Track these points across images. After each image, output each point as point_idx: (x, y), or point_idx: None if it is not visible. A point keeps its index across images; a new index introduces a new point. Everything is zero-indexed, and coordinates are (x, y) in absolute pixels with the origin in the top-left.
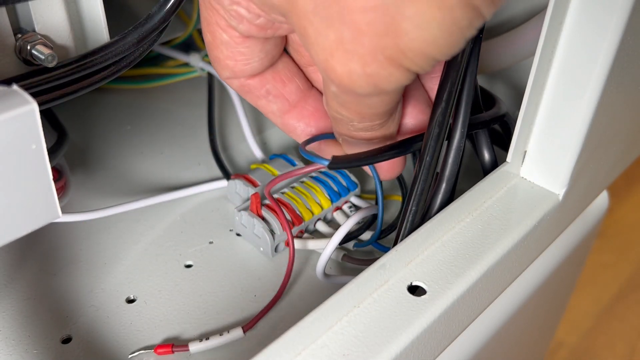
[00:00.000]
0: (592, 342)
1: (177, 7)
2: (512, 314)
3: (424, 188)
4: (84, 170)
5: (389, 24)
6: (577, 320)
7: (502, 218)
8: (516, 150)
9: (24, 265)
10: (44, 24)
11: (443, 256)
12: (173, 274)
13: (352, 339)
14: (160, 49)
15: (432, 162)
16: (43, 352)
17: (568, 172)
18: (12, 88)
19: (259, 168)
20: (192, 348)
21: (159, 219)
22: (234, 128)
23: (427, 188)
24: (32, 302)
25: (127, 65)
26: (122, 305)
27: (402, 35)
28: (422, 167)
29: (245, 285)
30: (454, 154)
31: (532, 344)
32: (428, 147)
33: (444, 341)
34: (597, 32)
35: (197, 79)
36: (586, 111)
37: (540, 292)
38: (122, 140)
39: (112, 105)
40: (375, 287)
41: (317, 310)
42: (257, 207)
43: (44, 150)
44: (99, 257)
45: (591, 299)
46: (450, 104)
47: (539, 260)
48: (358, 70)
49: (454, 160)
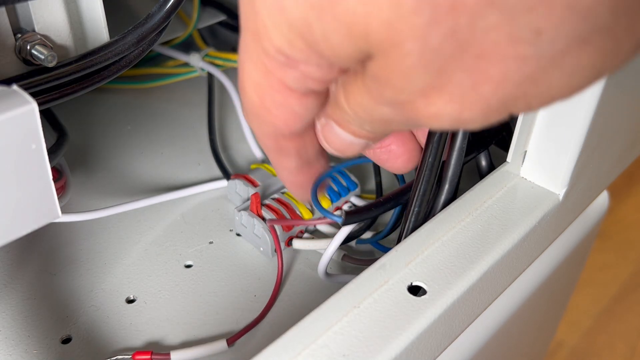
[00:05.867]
0: (592, 342)
1: (177, 7)
2: (512, 313)
3: (427, 189)
4: (84, 170)
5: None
6: (577, 320)
7: (502, 218)
8: (516, 150)
9: (24, 265)
10: (43, 23)
11: (443, 256)
12: (173, 274)
13: (352, 339)
14: (160, 48)
15: (434, 163)
16: (43, 352)
17: (568, 172)
18: (12, 88)
19: (259, 168)
20: (174, 356)
21: (159, 219)
22: (234, 128)
23: (429, 189)
24: (32, 302)
25: (127, 65)
26: (122, 305)
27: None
28: (425, 167)
29: (245, 285)
30: (456, 154)
31: (532, 344)
32: (430, 147)
33: (444, 341)
34: None
35: (197, 79)
36: (586, 111)
37: (540, 292)
38: (122, 140)
39: (112, 105)
40: (375, 287)
41: (317, 310)
42: (257, 207)
43: (43, 150)
44: (99, 257)
45: (591, 299)
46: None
47: (539, 260)
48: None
49: (457, 161)
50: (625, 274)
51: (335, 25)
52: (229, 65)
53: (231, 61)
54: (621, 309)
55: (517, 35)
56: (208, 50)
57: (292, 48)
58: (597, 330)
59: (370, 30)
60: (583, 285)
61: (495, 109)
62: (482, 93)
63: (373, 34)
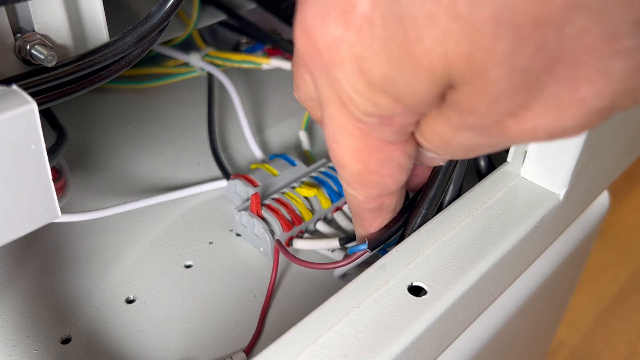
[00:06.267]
0: (592, 342)
1: (177, 7)
2: (512, 314)
3: (437, 193)
4: (84, 170)
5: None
6: (577, 320)
7: (502, 218)
8: (516, 150)
9: (24, 265)
10: (43, 23)
11: (443, 256)
12: (173, 274)
13: (352, 339)
14: (160, 48)
15: (449, 168)
16: (43, 352)
17: (568, 172)
18: (12, 88)
19: (259, 168)
20: None
21: (159, 219)
22: (234, 128)
23: (440, 193)
24: (32, 302)
25: (127, 64)
26: (122, 306)
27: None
28: (440, 172)
29: (245, 285)
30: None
31: (532, 344)
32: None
33: (444, 341)
34: None
35: (197, 78)
36: None
37: (540, 292)
38: (122, 140)
39: (112, 105)
40: (375, 287)
41: (317, 310)
42: (257, 207)
43: (43, 150)
44: (99, 257)
45: (591, 299)
46: None
47: (539, 260)
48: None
49: (462, 161)
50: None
51: (417, 74)
52: (229, 65)
53: (231, 61)
54: (621, 309)
55: (614, 31)
56: (208, 50)
57: (380, 108)
58: (597, 330)
59: (451, 67)
60: (583, 285)
61: (597, 112)
62: (582, 98)
63: (454, 70)
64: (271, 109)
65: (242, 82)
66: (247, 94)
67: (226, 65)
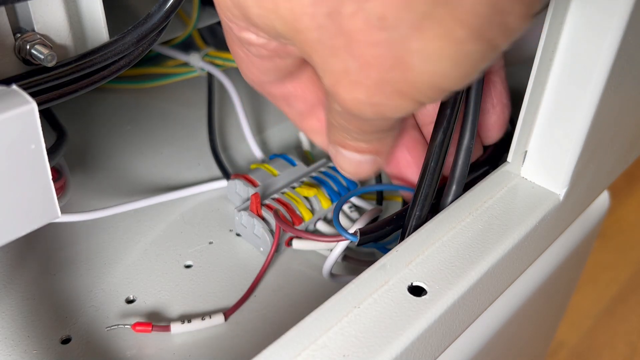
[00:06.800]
0: (592, 342)
1: (177, 7)
2: (512, 314)
3: (428, 193)
4: (84, 170)
5: (395, 58)
6: (577, 320)
7: (502, 218)
8: (517, 150)
9: (24, 265)
10: (43, 23)
11: (443, 256)
12: (173, 274)
13: (352, 339)
14: (160, 48)
15: (436, 168)
16: (43, 352)
17: (569, 172)
18: (11, 88)
19: (259, 168)
20: (174, 329)
21: (159, 219)
22: (234, 128)
23: (431, 193)
24: (32, 302)
25: (127, 64)
26: (122, 306)
27: (410, 69)
28: (427, 172)
29: (245, 285)
30: (463, 155)
31: (532, 344)
32: (432, 153)
33: (444, 341)
34: (598, 32)
35: (196, 78)
36: (587, 111)
37: (540, 292)
38: (122, 140)
39: (112, 105)
40: (375, 287)
41: (317, 311)
42: (257, 207)
43: (43, 150)
44: (99, 257)
45: (591, 299)
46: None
47: (539, 260)
48: (364, 100)
49: (464, 161)
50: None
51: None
52: (229, 65)
53: (231, 61)
54: (621, 309)
55: (369, 22)
56: (208, 50)
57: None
58: (597, 330)
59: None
60: (583, 285)
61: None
62: (371, 76)
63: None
64: (271, 109)
65: (242, 82)
66: (247, 94)
67: (226, 65)
